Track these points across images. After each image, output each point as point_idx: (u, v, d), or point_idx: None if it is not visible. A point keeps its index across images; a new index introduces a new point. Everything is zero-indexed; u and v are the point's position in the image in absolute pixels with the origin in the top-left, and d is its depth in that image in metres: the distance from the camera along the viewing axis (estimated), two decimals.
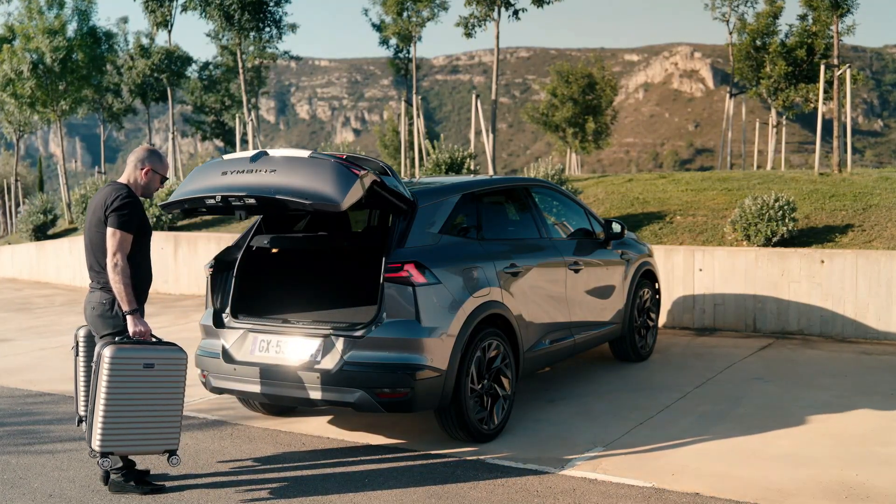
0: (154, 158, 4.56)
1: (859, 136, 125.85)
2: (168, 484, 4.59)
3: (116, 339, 4.29)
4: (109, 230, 4.30)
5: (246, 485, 4.58)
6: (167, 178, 4.70)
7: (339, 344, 4.90)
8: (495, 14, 15.83)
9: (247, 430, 5.65)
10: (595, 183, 13.48)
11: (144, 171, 4.51)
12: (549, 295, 6.01)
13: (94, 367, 4.26)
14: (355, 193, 4.53)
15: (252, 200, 4.60)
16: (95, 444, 4.21)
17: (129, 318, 4.28)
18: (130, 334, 4.29)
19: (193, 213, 5.40)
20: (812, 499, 4.21)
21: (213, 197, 4.68)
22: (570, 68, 33.24)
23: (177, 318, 10.85)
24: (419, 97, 17.44)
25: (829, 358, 7.52)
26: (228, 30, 16.73)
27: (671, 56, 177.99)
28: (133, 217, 4.36)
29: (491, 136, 15.32)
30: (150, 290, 4.97)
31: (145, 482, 4.48)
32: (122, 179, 4.55)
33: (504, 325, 5.43)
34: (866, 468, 4.61)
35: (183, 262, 13.54)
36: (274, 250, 5.90)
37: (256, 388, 5.13)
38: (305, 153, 4.70)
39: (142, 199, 4.53)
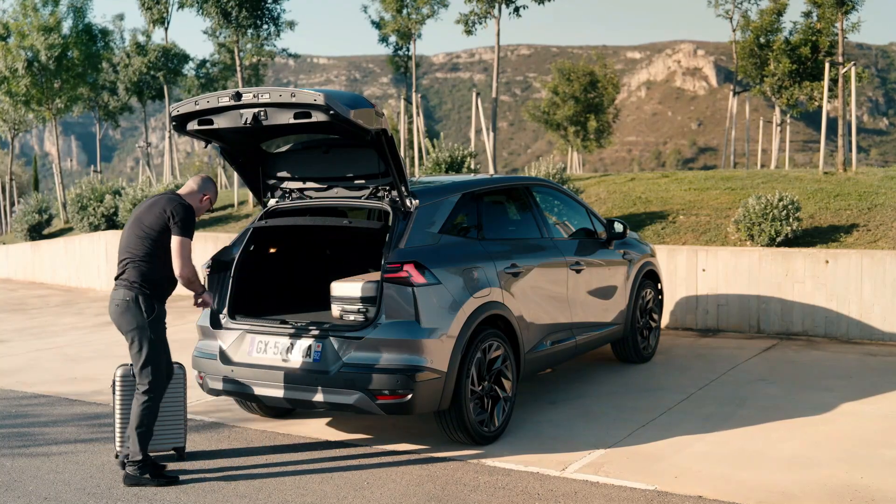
0: (211, 187, 4.93)
1: (864, 135, 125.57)
2: (165, 486, 4.54)
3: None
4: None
5: (244, 487, 4.52)
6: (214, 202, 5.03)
7: (338, 345, 4.86)
8: (496, 11, 15.75)
9: (244, 432, 5.59)
10: (597, 182, 13.41)
11: (205, 197, 4.89)
12: (550, 295, 5.95)
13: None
14: (366, 116, 4.61)
15: (267, 96, 4.62)
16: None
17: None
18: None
19: (203, 134, 5.23)
20: (816, 502, 4.16)
21: (228, 95, 4.71)
22: (571, 66, 33.13)
23: (173, 319, 10.72)
24: (419, 95, 17.37)
25: (834, 359, 7.45)
26: (226, 27, 16.61)
27: (674, 54, 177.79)
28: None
29: (491, 134, 15.25)
30: None
31: (161, 475, 4.62)
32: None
33: (505, 326, 5.38)
34: (871, 471, 4.56)
35: None
36: (272, 250, 5.84)
37: (254, 390, 5.07)
38: None
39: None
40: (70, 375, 7.50)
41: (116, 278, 4.69)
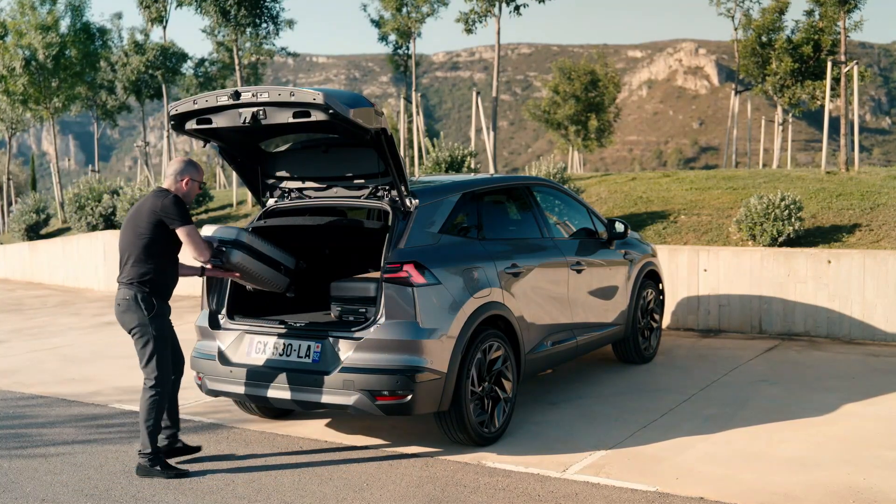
0: (191, 168, 4.85)
1: (867, 134, 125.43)
2: (164, 488, 4.50)
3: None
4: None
5: (242, 489, 4.49)
6: (204, 184, 4.96)
7: (337, 346, 4.83)
8: (496, 9, 15.71)
9: (243, 433, 5.56)
10: (598, 181, 13.38)
11: (184, 181, 4.81)
12: (550, 296, 5.92)
13: None
14: (366, 115, 4.59)
15: (266, 95, 4.61)
16: None
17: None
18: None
19: (201, 133, 5.20)
20: (818, 503, 4.13)
21: (226, 94, 4.70)
22: (572, 65, 33.08)
23: (172, 319, 10.77)
24: (419, 94, 17.33)
25: (836, 360, 7.42)
26: (224, 26, 16.59)
27: (675, 52, 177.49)
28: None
29: (492, 133, 15.22)
30: None
31: (170, 467, 4.73)
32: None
33: (505, 326, 5.35)
34: (873, 472, 4.53)
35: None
36: None
37: (253, 391, 5.05)
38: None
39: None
40: (68, 376, 7.47)
41: (118, 279, 4.82)
